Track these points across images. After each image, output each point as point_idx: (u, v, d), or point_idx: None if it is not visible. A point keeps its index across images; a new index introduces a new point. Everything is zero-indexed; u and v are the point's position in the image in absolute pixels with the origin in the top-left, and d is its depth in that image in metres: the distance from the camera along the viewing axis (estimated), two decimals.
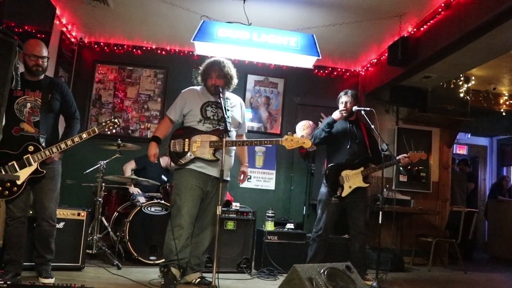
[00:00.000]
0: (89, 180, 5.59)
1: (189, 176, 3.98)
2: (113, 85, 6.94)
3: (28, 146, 3.61)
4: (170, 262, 3.94)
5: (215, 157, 3.94)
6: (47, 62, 3.84)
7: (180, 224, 3.93)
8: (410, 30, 5.53)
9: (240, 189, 6.83)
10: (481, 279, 6.17)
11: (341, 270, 3.28)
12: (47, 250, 3.85)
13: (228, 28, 5.05)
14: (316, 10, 5.35)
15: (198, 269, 4.12)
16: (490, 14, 4.11)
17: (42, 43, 3.84)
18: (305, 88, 7.30)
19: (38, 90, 3.78)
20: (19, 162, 3.57)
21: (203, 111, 4.08)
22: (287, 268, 3.33)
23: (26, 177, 3.60)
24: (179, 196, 3.98)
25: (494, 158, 11.21)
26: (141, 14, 5.87)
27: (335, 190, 4.79)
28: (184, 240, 3.96)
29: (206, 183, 4.03)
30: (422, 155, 5.03)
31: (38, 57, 3.73)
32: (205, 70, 4.20)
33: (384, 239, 6.67)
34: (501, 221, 8.66)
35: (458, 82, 6.96)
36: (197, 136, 3.99)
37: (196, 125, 4.04)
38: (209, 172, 4.01)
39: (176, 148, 4.02)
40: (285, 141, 3.93)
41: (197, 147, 3.96)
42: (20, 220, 3.70)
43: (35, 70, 3.75)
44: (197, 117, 4.06)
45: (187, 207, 3.95)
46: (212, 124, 4.05)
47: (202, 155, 3.96)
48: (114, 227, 5.32)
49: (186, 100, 4.17)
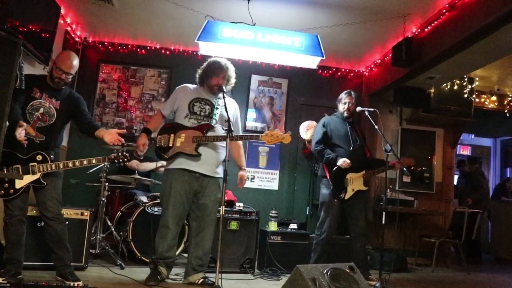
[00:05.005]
0: (93, 179, 5.62)
1: (174, 178, 4.02)
2: (117, 85, 6.95)
3: (37, 155, 3.63)
4: (157, 260, 4.04)
5: (197, 152, 3.98)
6: (71, 78, 3.85)
7: (165, 224, 4.02)
8: (414, 31, 5.53)
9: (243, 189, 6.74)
10: (485, 280, 6.16)
11: (344, 271, 3.28)
12: (63, 250, 3.83)
13: (232, 28, 5.07)
14: (320, 10, 5.34)
15: (201, 269, 4.13)
16: (494, 15, 4.11)
17: (75, 57, 3.83)
18: (309, 88, 7.30)
19: (55, 98, 3.82)
20: (24, 168, 3.56)
21: (190, 106, 4.13)
22: (290, 268, 3.32)
23: (25, 184, 3.59)
24: (165, 198, 4.06)
25: (497, 159, 11.21)
26: (145, 14, 5.88)
27: (340, 192, 4.78)
28: (170, 239, 4.04)
29: (191, 183, 4.05)
30: (410, 161, 5.05)
31: (64, 72, 3.74)
32: (209, 69, 4.23)
33: (387, 240, 6.66)
34: (505, 222, 8.64)
35: (462, 83, 6.94)
36: (182, 132, 4.03)
37: (182, 120, 4.10)
38: (193, 168, 4.03)
39: (161, 143, 4.06)
40: (265, 136, 3.98)
41: (180, 142, 4.00)
42: (19, 219, 3.67)
43: (57, 82, 3.78)
44: (184, 112, 4.12)
45: (171, 208, 4.01)
46: (198, 119, 4.10)
47: (184, 150, 3.99)
48: (117, 227, 5.32)
49: (177, 97, 4.23)
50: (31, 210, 4.06)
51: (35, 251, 4.18)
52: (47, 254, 3.96)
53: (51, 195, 3.75)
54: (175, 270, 4.50)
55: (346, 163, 4.74)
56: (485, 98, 7.72)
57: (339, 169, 4.78)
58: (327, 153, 4.84)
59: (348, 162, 4.74)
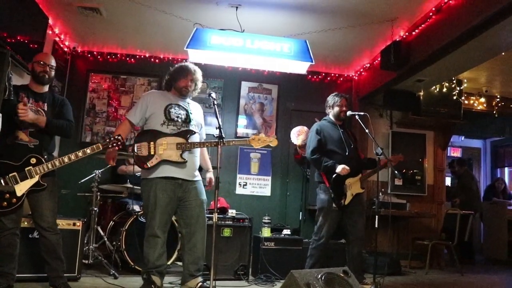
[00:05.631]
0: (84, 189, 5.58)
1: (157, 188, 3.95)
2: (107, 94, 6.93)
3: (31, 158, 3.61)
4: (149, 270, 3.97)
5: (183, 158, 3.95)
6: (53, 72, 3.93)
7: (153, 233, 3.95)
8: (402, 35, 5.57)
9: (236, 196, 6.83)
10: (478, 281, 6.18)
11: (339, 275, 3.27)
12: (57, 261, 3.82)
13: (221, 35, 5.08)
14: (308, 16, 5.37)
15: (198, 274, 4.08)
16: (480, 17, 4.15)
17: (51, 55, 4.03)
18: (299, 93, 7.32)
19: (41, 101, 3.84)
20: (20, 174, 3.55)
21: (166, 113, 4.07)
22: (284, 274, 3.32)
23: (26, 189, 3.57)
24: (149, 207, 3.97)
25: (488, 159, 11.29)
26: (134, 23, 5.88)
27: (340, 199, 4.72)
28: (160, 247, 3.99)
29: (175, 190, 4.00)
30: (400, 157, 5.03)
31: (46, 64, 3.84)
32: (178, 71, 4.21)
33: (380, 243, 6.67)
34: (496, 223, 8.69)
35: (450, 85, 7.00)
36: (163, 139, 3.96)
37: (159, 127, 4.02)
38: (177, 175, 3.99)
39: (141, 151, 3.96)
40: (253, 140, 4.02)
41: (163, 150, 3.93)
42: (12, 232, 3.64)
43: (42, 76, 3.81)
44: (161, 119, 4.04)
45: (158, 216, 3.94)
46: (176, 126, 4.05)
47: (169, 157, 3.94)
48: (110, 237, 5.29)
49: (148, 103, 4.14)
50: (22, 222, 4.01)
51: (27, 263, 4.14)
52: (40, 265, 3.93)
53: (48, 204, 3.75)
54: (169, 278, 4.49)
55: (345, 170, 4.67)
56: (474, 100, 7.78)
57: (338, 176, 4.71)
58: (325, 161, 4.76)
59: (347, 169, 4.67)
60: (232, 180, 6.92)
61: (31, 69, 3.86)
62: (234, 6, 5.20)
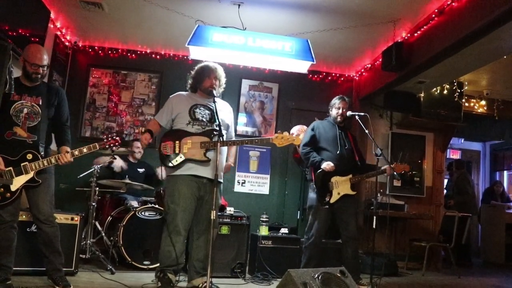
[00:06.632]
0: (83, 184, 5.58)
1: (181, 184, 3.97)
2: (107, 89, 6.93)
3: (27, 153, 3.60)
4: (167, 267, 3.94)
5: (206, 157, 3.96)
6: (47, 68, 3.85)
7: (177, 230, 3.93)
8: (404, 36, 5.56)
9: (234, 194, 6.83)
10: (475, 283, 6.18)
11: (335, 275, 3.28)
12: (55, 254, 3.82)
13: (223, 32, 5.07)
14: (310, 15, 5.37)
15: (204, 272, 4.08)
16: (483, 20, 4.14)
17: (44, 50, 3.80)
18: (299, 93, 7.32)
19: (35, 95, 3.77)
20: (16, 169, 3.54)
21: (191, 113, 4.10)
22: (281, 273, 3.33)
23: (21, 185, 3.57)
24: (173, 203, 3.97)
25: (487, 163, 11.28)
26: (136, 18, 5.87)
27: (324, 196, 4.74)
28: (182, 244, 3.97)
29: (199, 189, 4.02)
30: (406, 167, 5.01)
31: (39, 66, 3.70)
32: (201, 73, 4.24)
33: (377, 244, 6.67)
34: (494, 226, 8.70)
35: (451, 87, 6.99)
36: (187, 138, 3.99)
37: (185, 127, 4.05)
38: (201, 173, 4.00)
39: (167, 150, 4.01)
40: (276, 139, 3.97)
41: (188, 149, 3.96)
42: (10, 225, 3.64)
43: (34, 78, 3.74)
44: (186, 119, 4.08)
45: (181, 213, 3.94)
46: (201, 125, 4.07)
47: (193, 156, 3.96)
48: (107, 232, 5.29)
49: (173, 105, 4.19)
50: (21, 215, 4.02)
51: (25, 256, 4.15)
52: (37, 259, 3.94)
53: (44, 197, 3.74)
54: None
55: (329, 166, 4.71)
56: (475, 103, 7.77)
57: (323, 172, 4.74)
58: (313, 156, 4.83)
59: (331, 166, 4.71)
60: (230, 178, 6.91)
61: (22, 66, 3.73)
62: (237, 4, 5.19)
